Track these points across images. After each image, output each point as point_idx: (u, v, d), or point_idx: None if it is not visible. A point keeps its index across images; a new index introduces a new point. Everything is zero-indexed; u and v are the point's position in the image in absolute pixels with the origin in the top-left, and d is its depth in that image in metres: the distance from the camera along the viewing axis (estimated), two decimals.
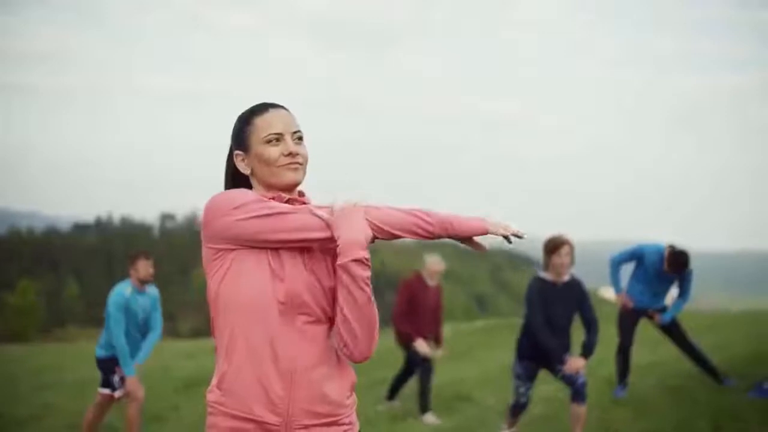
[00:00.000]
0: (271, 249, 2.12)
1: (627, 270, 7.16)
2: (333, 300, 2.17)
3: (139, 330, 6.35)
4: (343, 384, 2.20)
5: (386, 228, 2.15)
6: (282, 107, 2.24)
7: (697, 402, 6.40)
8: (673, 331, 7.07)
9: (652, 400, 6.69)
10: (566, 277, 5.51)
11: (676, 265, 6.71)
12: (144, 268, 6.27)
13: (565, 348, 5.48)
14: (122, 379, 6.21)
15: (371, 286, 2.11)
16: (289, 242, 2.11)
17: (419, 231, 2.18)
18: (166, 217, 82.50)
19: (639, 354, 7.51)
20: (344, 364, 2.22)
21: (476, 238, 2.25)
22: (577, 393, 5.39)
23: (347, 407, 2.20)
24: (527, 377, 5.66)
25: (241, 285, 2.10)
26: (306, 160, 2.22)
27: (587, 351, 5.44)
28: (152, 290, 6.46)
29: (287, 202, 2.20)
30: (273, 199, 2.18)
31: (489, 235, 2.26)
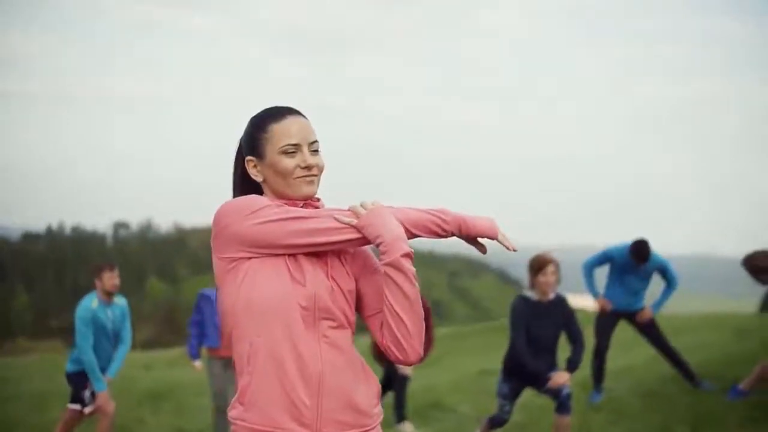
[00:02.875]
0: (289, 255, 2.04)
1: (602, 276, 7.20)
2: (353, 304, 2.12)
3: (110, 343, 6.19)
4: (370, 392, 2.12)
5: (408, 227, 2.08)
6: (299, 114, 2.16)
7: (675, 406, 6.42)
8: (650, 332, 7.11)
9: (629, 404, 6.70)
10: (551, 295, 5.44)
11: (639, 253, 6.82)
12: (109, 279, 6.11)
13: (550, 367, 5.39)
14: (93, 394, 6.04)
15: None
16: (311, 246, 2.03)
17: (436, 229, 2.13)
18: (119, 226, 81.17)
19: (613, 358, 7.52)
20: (369, 371, 2.14)
21: (480, 240, 2.20)
22: (562, 405, 5.33)
23: (374, 417, 2.12)
24: (513, 396, 5.59)
25: (259, 293, 2.01)
26: (321, 171, 2.14)
27: (572, 366, 5.36)
28: (120, 301, 6.30)
29: (302, 207, 2.12)
30: (287, 204, 2.10)
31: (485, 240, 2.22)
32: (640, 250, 6.83)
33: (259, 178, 2.15)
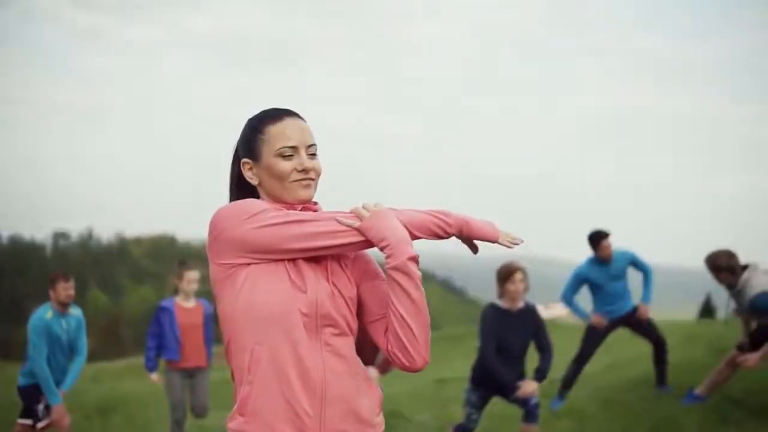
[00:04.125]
0: (290, 260, 1.97)
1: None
2: (354, 310, 2.07)
3: (65, 354, 6.01)
4: (373, 401, 2.06)
5: (410, 229, 2.04)
6: (298, 116, 2.09)
7: (634, 412, 6.51)
8: (648, 329, 7.15)
9: (590, 411, 6.75)
10: (521, 304, 5.45)
11: (594, 244, 6.96)
12: (63, 290, 5.94)
13: (519, 376, 5.40)
14: (47, 408, 5.85)
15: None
16: (312, 250, 1.97)
17: (439, 231, 2.10)
18: (58, 236, 79.22)
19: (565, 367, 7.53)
20: (371, 379, 2.09)
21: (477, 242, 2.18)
22: (530, 414, 5.34)
23: (377, 426, 2.07)
24: (480, 405, 5.59)
25: (260, 299, 1.94)
26: (319, 175, 2.08)
27: (541, 375, 5.38)
28: (76, 311, 6.13)
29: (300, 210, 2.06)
30: (285, 208, 2.04)
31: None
32: (591, 240, 6.97)
33: (254, 181, 2.09)
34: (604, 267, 7.00)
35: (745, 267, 5.91)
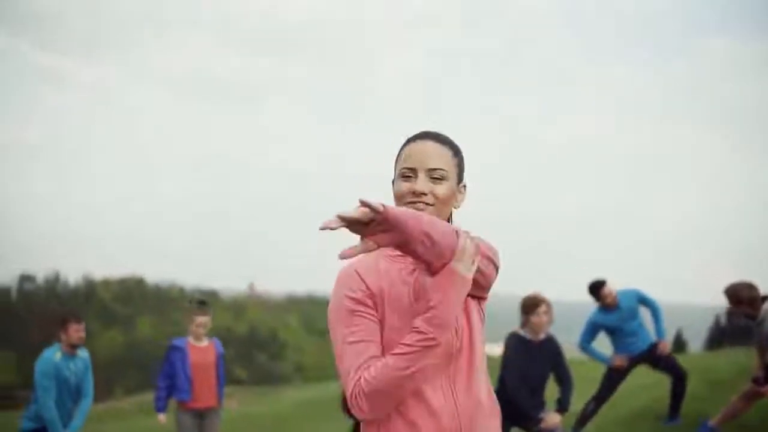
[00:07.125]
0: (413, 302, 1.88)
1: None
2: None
3: (71, 397, 5.91)
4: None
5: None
6: (432, 138, 1.99)
7: None
8: (669, 362, 7.17)
9: None
10: (542, 335, 5.49)
11: (595, 295, 7.03)
12: (75, 332, 5.88)
13: (541, 406, 5.44)
14: None
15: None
16: None
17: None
18: (24, 279, 77.77)
19: (574, 402, 7.49)
20: (496, 409, 2.03)
21: None
22: None
23: None
24: None
25: (387, 346, 1.86)
26: (442, 201, 1.94)
27: (563, 406, 5.47)
28: (83, 353, 6.04)
29: None
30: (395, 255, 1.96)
31: None
32: (591, 291, 7.04)
33: None
34: (614, 311, 7.05)
35: (765, 298, 5.95)
